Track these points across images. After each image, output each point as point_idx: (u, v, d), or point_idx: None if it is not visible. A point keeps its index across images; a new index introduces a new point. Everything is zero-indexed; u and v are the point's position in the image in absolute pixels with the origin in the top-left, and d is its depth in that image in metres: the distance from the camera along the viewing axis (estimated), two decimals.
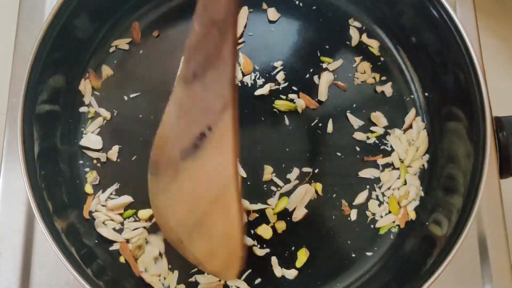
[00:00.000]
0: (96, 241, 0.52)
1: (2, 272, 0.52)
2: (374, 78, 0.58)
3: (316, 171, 0.55)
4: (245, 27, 0.59)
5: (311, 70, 0.58)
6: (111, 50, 0.58)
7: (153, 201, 0.47)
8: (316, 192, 0.54)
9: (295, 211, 0.54)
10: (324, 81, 0.57)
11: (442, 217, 0.51)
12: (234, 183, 0.40)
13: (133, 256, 0.52)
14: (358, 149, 0.56)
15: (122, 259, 0.52)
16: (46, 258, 0.52)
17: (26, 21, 0.59)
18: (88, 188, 0.54)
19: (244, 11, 0.60)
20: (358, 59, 0.59)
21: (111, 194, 0.54)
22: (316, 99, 0.57)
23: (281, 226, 0.53)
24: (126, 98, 0.57)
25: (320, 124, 0.57)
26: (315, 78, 0.58)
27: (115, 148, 0.55)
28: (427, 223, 0.53)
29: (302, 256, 0.52)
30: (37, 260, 0.52)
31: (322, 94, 0.57)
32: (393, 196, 0.55)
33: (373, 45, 0.59)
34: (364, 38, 0.60)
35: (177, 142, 0.42)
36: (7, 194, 0.54)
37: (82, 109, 0.56)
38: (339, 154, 0.56)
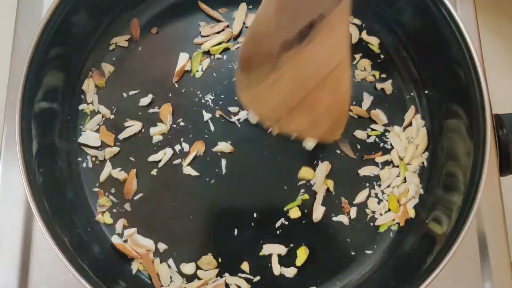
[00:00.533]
0: (96, 240, 0.52)
1: (0, 270, 0.51)
2: (373, 75, 0.58)
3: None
4: (243, 23, 0.59)
5: None
6: (110, 48, 0.58)
7: (243, 93, 0.48)
8: (328, 189, 0.55)
9: (315, 212, 0.54)
10: None
11: (442, 214, 0.51)
12: (347, 60, 0.43)
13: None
14: (358, 147, 0.56)
15: (119, 256, 0.52)
16: (45, 256, 0.52)
17: (24, 17, 0.59)
18: (107, 219, 0.54)
19: (243, 7, 0.60)
20: (357, 56, 0.59)
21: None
22: None
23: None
24: (125, 95, 0.57)
25: None
26: None
27: (115, 149, 0.55)
28: (427, 221, 0.53)
29: (302, 254, 0.52)
30: (35, 258, 0.52)
31: None
32: (392, 194, 0.55)
33: (373, 42, 0.59)
34: (364, 35, 0.59)
35: (277, 36, 0.43)
36: (5, 191, 0.54)
37: (82, 106, 0.56)
38: (338, 152, 0.56)
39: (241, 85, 0.48)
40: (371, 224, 0.54)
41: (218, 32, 0.59)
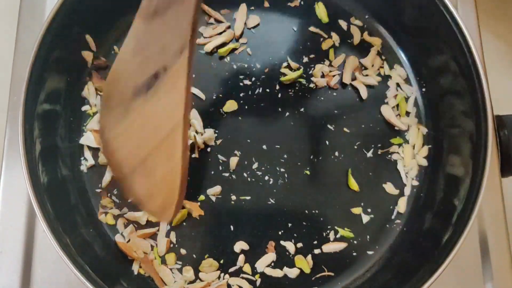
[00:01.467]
0: (98, 240, 0.53)
1: (3, 270, 0.52)
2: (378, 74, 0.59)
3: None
4: (245, 24, 0.59)
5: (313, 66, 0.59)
6: (112, 51, 0.58)
7: (103, 134, 0.46)
8: None
9: None
10: (348, 66, 0.58)
11: (443, 215, 0.51)
12: (181, 128, 0.40)
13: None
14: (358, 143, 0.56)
15: (121, 256, 0.52)
16: (47, 256, 0.52)
17: (27, 19, 0.59)
18: (110, 219, 0.54)
19: (243, 8, 0.60)
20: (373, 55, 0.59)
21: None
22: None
23: None
24: None
25: (323, 122, 0.57)
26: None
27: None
28: (428, 222, 0.53)
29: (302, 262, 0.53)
30: (38, 258, 0.52)
31: (347, 78, 0.58)
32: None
33: (375, 43, 0.59)
34: (366, 36, 0.60)
35: (131, 79, 0.42)
36: (8, 192, 0.54)
37: (84, 108, 0.56)
38: (336, 154, 0.56)
39: (102, 121, 0.46)
40: (373, 224, 0.54)
41: (220, 33, 0.59)
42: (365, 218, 0.54)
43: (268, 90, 0.57)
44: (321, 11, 0.60)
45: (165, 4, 0.39)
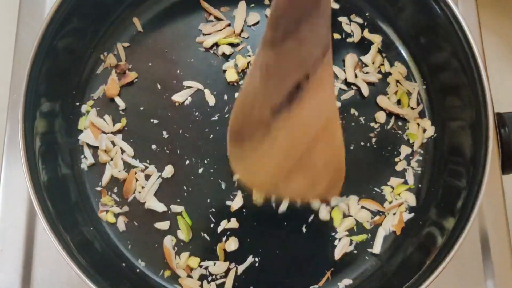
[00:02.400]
0: (99, 238, 0.53)
1: (3, 269, 0.52)
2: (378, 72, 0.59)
3: None
4: (245, 21, 0.59)
5: None
6: (113, 50, 0.58)
7: (237, 167, 0.47)
8: None
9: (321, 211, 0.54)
10: (349, 64, 0.58)
11: (444, 212, 0.51)
12: (337, 113, 0.43)
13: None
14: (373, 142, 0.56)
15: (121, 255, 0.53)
16: (48, 255, 0.52)
17: (27, 17, 0.59)
18: (110, 218, 0.54)
19: (242, 5, 0.60)
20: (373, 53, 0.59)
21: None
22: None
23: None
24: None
25: None
26: None
27: (116, 148, 0.55)
28: (429, 219, 0.53)
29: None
30: (38, 256, 0.52)
31: (350, 76, 0.58)
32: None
33: (376, 40, 0.59)
34: (366, 33, 0.59)
35: (266, 103, 0.43)
36: (8, 190, 0.54)
37: (84, 108, 0.56)
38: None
39: (234, 158, 0.47)
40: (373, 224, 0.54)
41: (220, 30, 0.59)
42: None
43: None
44: None
45: (296, 22, 0.39)
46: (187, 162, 0.55)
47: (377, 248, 0.53)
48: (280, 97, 0.42)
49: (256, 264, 0.52)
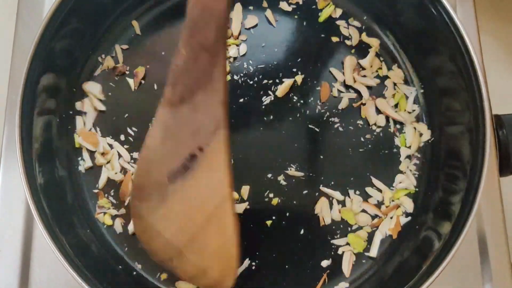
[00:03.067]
0: (95, 240, 0.52)
1: (1, 271, 0.52)
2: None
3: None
4: (242, 24, 0.59)
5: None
6: (112, 51, 0.59)
7: (136, 224, 0.46)
8: None
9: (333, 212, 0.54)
10: (348, 65, 0.58)
11: (441, 215, 0.51)
12: (229, 200, 0.40)
13: None
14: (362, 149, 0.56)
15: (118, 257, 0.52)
16: (45, 256, 0.52)
17: (25, 17, 0.59)
18: (107, 220, 0.54)
19: (238, 7, 0.60)
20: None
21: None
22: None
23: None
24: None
25: (322, 123, 0.57)
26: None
27: (113, 150, 0.55)
28: (426, 222, 0.53)
29: None
30: (36, 258, 0.52)
31: (349, 79, 0.58)
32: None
33: (374, 44, 0.59)
34: (364, 37, 0.60)
35: (164, 165, 0.42)
36: (6, 192, 0.54)
37: (78, 105, 0.56)
38: (336, 154, 0.56)
39: (135, 214, 0.46)
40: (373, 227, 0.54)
41: None
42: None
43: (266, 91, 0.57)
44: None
45: (191, 89, 0.39)
46: None
47: (374, 251, 0.53)
48: (176, 162, 0.41)
49: (253, 267, 0.52)
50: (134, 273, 0.52)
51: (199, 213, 0.42)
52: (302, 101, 0.57)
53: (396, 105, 0.57)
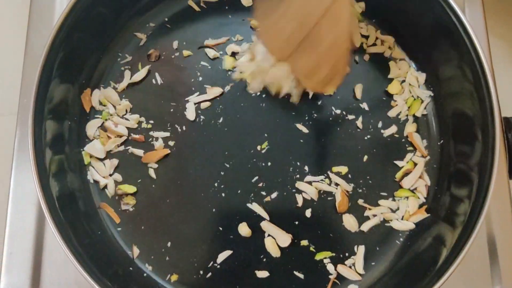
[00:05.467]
0: (106, 242, 0.53)
1: (13, 271, 0.52)
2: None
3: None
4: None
5: None
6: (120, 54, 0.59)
7: (260, 23, 0.49)
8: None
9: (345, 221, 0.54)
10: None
11: (451, 218, 0.51)
12: None
13: None
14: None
15: (128, 257, 0.53)
16: (56, 257, 0.53)
17: (36, 22, 0.60)
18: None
19: None
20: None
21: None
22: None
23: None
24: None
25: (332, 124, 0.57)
26: None
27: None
28: (436, 225, 0.53)
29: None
30: (47, 259, 0.53)
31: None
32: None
33: (388, 41, 0.59)
34: (378, 34, 0.60)
35: None
36: (18, 193, 0.54)
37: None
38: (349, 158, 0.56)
39: (259, 14, 0.49)
40: (380, 228, 0.54)
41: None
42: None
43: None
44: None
45: None
46: (190, 171, 0.56)
47: (384, 253, 0.53)
48: None
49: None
50: (145, 274, 0.52)
51: (316, 8, 0.44)
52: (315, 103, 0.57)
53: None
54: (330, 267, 0.52)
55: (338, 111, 0.57)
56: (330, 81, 0.46)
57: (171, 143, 0.56)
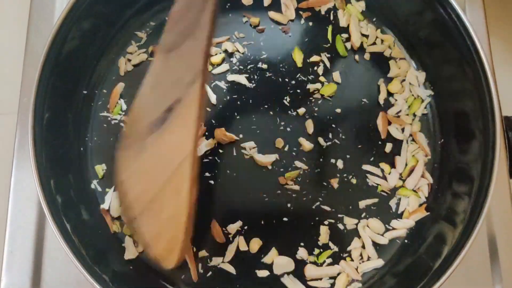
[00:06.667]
0: (106, 239, 0.53)
1: (14, 270, 0.52)
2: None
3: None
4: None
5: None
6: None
7: (117, 175, 0.46)
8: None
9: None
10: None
11: (452, 217, 0.51)
12: (190, 160, 0.40)
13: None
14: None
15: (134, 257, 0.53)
16: (57, 256, 0.53)
17: (36, 22, 0.60)
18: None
19: None
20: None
21: None
22: None
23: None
24: None
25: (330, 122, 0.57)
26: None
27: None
28: (437, 224, 0.53)
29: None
30: (48, 258, 0.53)
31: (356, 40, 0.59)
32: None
33: (388, 40, 0.59)
34: (378, 33, 0.60)
35: (148, 115, 0.43)
36: (18, 192, 0.54)
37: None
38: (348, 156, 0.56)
39: (119, 163, 0.46)
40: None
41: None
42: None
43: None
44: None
45: (182, 36, 0.41)
46: None
47: (384, 253, 0.53)
48: (158, 113, 0.42)
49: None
50: (145, 274, 0.52)
51: (163, 170, 0.42)
52: (316, 101, 0.57)
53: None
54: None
55: (339, 110, 0.57)
56: (169, 254, 0.43)
57: None
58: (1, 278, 0.52)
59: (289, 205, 0.54)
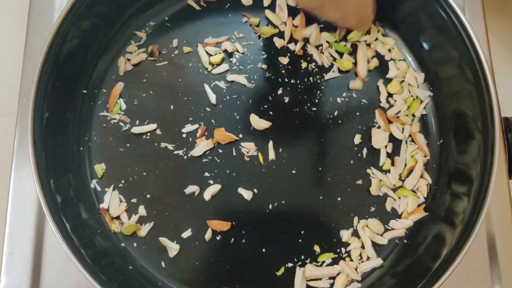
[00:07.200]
0: (106, 239, 0.53)
1: (13, 271, 0.52)
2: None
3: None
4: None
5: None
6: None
7: None
8: None
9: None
10: (360, 54, 0.58)
11: (451, 218, 0.51)
12: None
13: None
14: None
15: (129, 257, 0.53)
16: (56, 257, 0.53)
17: (36, 22, 0.60)
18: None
19: None
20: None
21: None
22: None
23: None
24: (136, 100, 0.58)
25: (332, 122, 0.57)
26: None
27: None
28: (436, 224, 0.53)
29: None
30: (47, 258, 0.53)
31: (362, 71, 0.58)
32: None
33: (389, 43, 0.59)
34: (379, 36, 0.60)
35: None
36: (18, 193, 0.54)
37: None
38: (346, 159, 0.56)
39: None
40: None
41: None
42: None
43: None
44: None
45: None
46: None
47: (384, 253, 0.53)
48: None
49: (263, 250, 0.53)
50: (146, 273, 0.52)
51: None
52: (317, 99, 0.57)
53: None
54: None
55: (338, 111, 0.57)
56: (359, 25, 0.56)
57: None
58: (0, 279, 0.52)
59: (289, 204, 0.54)
